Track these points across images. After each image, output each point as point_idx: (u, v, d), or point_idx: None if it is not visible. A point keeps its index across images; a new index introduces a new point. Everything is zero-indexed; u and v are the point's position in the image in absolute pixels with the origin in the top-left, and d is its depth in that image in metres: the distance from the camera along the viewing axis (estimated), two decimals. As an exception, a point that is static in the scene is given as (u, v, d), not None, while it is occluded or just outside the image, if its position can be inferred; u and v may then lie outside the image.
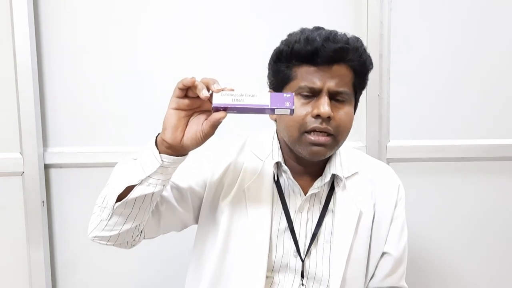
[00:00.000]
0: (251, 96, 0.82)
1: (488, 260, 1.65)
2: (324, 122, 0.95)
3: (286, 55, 0.98)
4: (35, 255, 1.49)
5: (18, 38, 1.42)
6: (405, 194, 1.13)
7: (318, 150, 0.97)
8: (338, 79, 0.96)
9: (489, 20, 1.55)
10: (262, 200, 1.03)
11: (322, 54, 0.94)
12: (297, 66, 0.98)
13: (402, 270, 1.11)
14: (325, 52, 0.94)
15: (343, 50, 0.95)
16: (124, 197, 0.86)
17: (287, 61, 0.99)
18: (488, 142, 1.59)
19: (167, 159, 0.85)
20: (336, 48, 0.94)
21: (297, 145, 0.98)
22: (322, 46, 0.94)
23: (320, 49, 0.94)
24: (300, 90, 0.97)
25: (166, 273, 1.58)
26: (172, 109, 0.84)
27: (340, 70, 0.97)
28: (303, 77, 0.97)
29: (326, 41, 0.95)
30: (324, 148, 0.97)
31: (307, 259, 1.05)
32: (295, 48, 0.96)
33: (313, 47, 0.94)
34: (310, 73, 0.96)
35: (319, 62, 0.95)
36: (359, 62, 0.99)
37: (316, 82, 0.95)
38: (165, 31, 1.50)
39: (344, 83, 0.97)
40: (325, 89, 0.95)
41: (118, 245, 0.95)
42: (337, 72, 0.96)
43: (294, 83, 0.98)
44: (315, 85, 0.95)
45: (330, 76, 0.96)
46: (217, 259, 1.03)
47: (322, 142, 0.96)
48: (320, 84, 0.95)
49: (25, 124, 1.45)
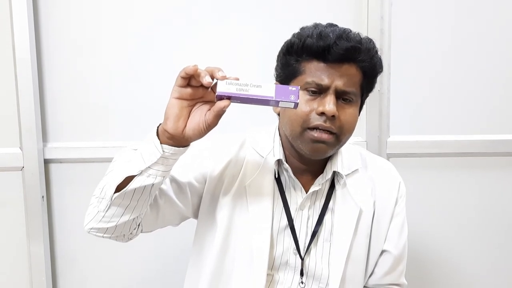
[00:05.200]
0: (256, 87, 0.80)
1: (488, 256, 1.65)
2: (328, 120, 0.94)
3: (297, 48, 0.97)
4: (35, 249, 1.50)
5: (17, 33, 1.41)
6: (406, 190, 1.13)
7: (319, 147, 0.96)
8: (347, 79, 0.95)
9: (490, 16, 1.55)
10: (263, 197, 1.02)
11: (334, 51, 0.93)
12: (306, 61, 0.97)
13: (402, 267, 1.11)
14: (337, 49, 0.93)
15: (355, 49, 0.94)
16: (123, 188, 0.85)
17: (297, 55, 0.98)
18: (488, 137, 1.58)
19: (168, 149, 0.84)
20: (348, 47, 0.93)
21: (298, 141, 0.98)
22: (334, 43, 0.93)
23: (332, 46, 0.93)
24: (307, 86, 0.96)
25: (166, 268, 1.58)
26: (174, 98, 0.82)
27: (350, 70, 0.96)
28: (312, 72, 0.96)
29: (339, 38, 0.94)
30: (325, 146, 0.96)
31: (306, 257, 1.04)
32: (307, 42, 0.95)
33: (326, 43, 0.93)
34: (319, 69, 0.95)
35: (329, 59, 0.94)
36: (370, 64, 0.98)
37: (324, 79, 0.95)
38: (165, 26, 1.49)
39: (352, 84, 0.96)
40: (333, 87, 0.95)
41: (115, 237, 0.94)
42: (346, 72, 0.95)
43: (301, 77, 0.97)
44: (323, 82, 0.95)
45: (339, 75, 0.95)
46: (217, 256, 1.03)
47: (325, 140, 0.95)
48: (328, 81, 0.94)
49: (25, 119, 1.44)
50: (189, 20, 1.49)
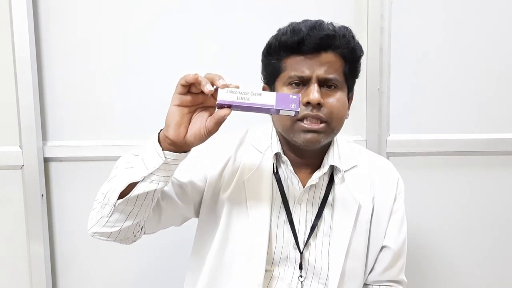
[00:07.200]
0: (256, 95, 0.81)
1: (488, 254, 1.65)
2: (314, 109, 0.95)
3: (275, 47, 1.00)
4: (35, 248, 1.50)
5: (17, 31, 1.41)
6: (404, 187, 1.13)
7: (312, 136, 0.97)
8: (327, 66, 0.97)
9: (490, 14, 1.55)
10: (261, 192, 1.03)
11: (308, 42, 0.95)
12: (286, 57, 0.99)
13: (401, 263, 1.12)
14: (310, 40, 0.95)
15: (329, 37, 0.96)
16: (125, 193, 0.86)
17: (276, 54, 1.00)
18: (488, 136, 1.59)
19: (170, 155, 0.85)
20: (322, 36, 0.95)
21: (291, 134, 0.98)
22: (307, 35, 0.95)
23: (305, 37, 0.95)
24: (290, 80, 0.98)
25: (166, 266, 1.58)
26: (175, 106, 0.83)
27: (328, 58, 0.97)
28: (292, 67, 0.98)
29: (312, 29, 0.96)
30: (318, 135, 0.97)
31: (306, 251, 1.05)
32: (282, 39, 0.98)
33: (299, 37, 0.96)
34: (299, 62, 0.97)
35: (306, 51, 0.96)
36: (348, 49, 0.99)
37: (304, 70, 0.96)
38: (166, 27, 1.49)
39: (334, 70, 0.98)
40: (314, 76, 0.96)
41: (119, 241, 0.95)
42: (325, 60, 0.97)
43: (284, 74, 0.99)
44: (304, 73, 0.96)
45: (319, 64, 0.96)
46: (217, 253, 1.03)
47: (316, 129, 0.96)
48: (309, 72, 0.96)
49: (25, 117, 1.44)
50: (189, 20, 1.49)
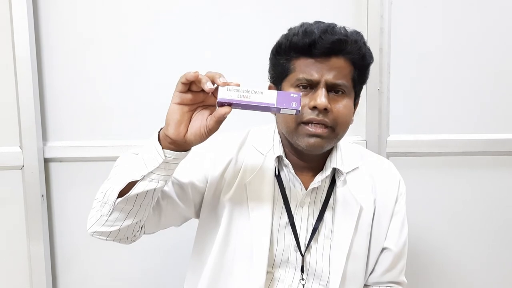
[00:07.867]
0: (257, 94, 0.80)
1: (488, 254, 1.65)
2: (321, 114, 0.94)
3: (285, 47, 0.98)
4: (35, 249, 1.50)
5: (17, 31, 1.41)
6: (405, 188, 1.13)
7: (315, 141, 0.96)
8: (336, 72, 0.96)
9: (490, 14, 1.54)
10: (263, 195, 1.02)
11: (320, 45, 0.94)
12: (295, 59, 0.98)
13: (401, 265, 1.11)
14: (322, 43, 0.94)
15: (341, 42, 0.95)
16: (125, 192, 0.85)
17: (286, 54, 0.99)
18: (488, 136, 1.59)
19: (170, 154, 0.84)
20: (334, 40, 0.94)
21: (294, 137, 0.98)
22: (319, 38, 0.94)
23: (317, 40, 0.94)
24: (298, 82, 0.97)
25: (167, 267, 1.58)
26: (175, 104, 0.83)
27: (338, 63, 0.96)
28: (301, 69, 0.96)
29: (324, 33, 0.94)
30: (321, 140, 0.96)
31: (307, 254, 1.04)
32: (293, 40, 0.97)
33: (311, 39, 0.94)
34: (308, 65, 0.96)
35: (316, 54, 0.95)
36: (358, 55, 0.98)
37: (313, 74, 0.95)
38: (166, 26, 1.49)
39: (343, 76, 0.97)
40: (323, 81, 0.95)
41: (118, 240, 0.94)
42: (335, 65, 0.96)
43: (292, 75, 0.98)
44: (312, 77, 0.95)
45: (328, 69, 0.95)
46: (218, 254, 1.03)
47: (320, 133, 0.95)
48: (317, 76, 0.95)
49: (25, 118, 1.44)
50: (189, 19, 1.49)
